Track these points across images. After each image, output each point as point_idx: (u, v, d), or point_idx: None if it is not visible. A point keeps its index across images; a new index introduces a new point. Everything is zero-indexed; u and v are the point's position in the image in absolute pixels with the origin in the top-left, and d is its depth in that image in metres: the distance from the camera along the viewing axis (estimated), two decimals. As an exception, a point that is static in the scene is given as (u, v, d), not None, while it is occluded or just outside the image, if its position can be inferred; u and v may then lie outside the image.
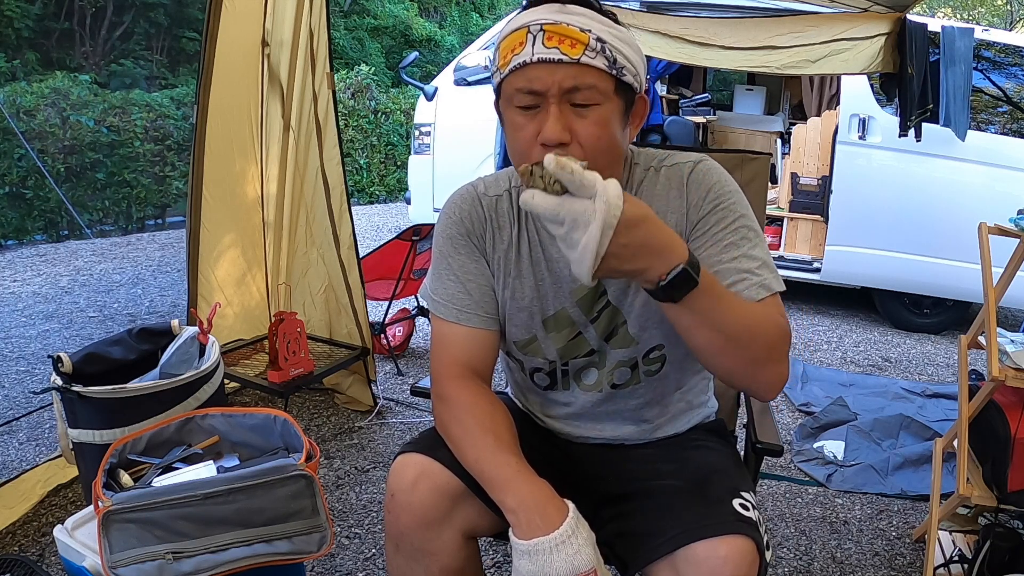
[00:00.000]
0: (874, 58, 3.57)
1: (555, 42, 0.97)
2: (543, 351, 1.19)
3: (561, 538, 0.93)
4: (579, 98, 0.98)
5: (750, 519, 1.00)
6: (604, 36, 0.98)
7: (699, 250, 1.05)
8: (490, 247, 1.17)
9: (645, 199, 1.07)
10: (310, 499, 1.34)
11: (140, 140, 6.74)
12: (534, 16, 0.99)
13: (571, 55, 0.97)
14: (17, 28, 7.35)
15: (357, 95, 8.90)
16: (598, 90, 0.99)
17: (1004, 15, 14.22)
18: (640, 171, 1.14)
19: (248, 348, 2.74)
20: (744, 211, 1.08)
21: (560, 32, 0.97)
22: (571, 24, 0.97)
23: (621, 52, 1.00)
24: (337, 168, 2.61)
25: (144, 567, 1.23)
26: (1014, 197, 2.89)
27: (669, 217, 1.09)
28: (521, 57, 0.98)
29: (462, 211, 1.17)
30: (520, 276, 1.16)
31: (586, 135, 0.99)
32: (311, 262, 2.76)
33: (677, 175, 1.11)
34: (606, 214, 0.82)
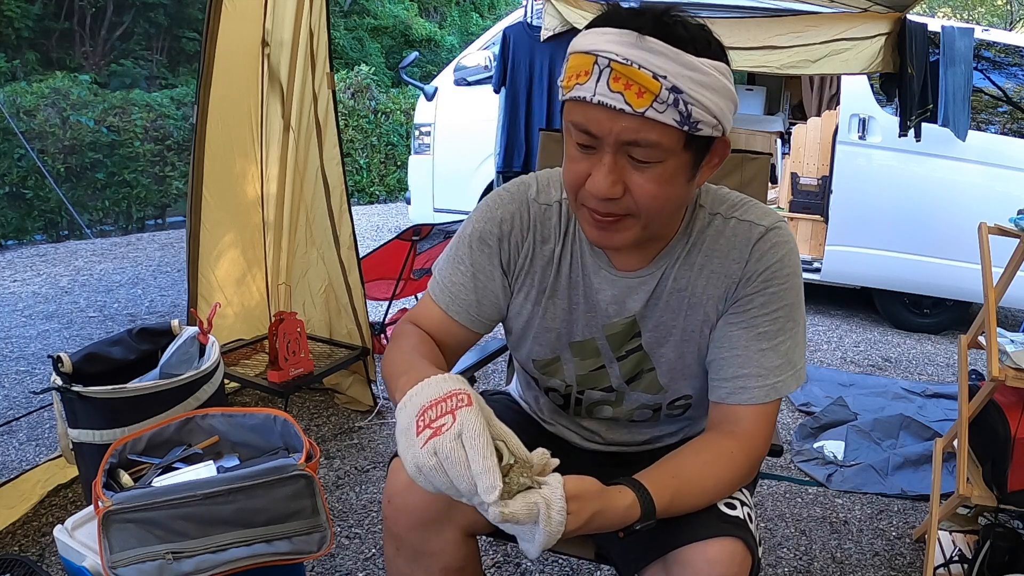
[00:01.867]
0: (874, 58, 3.57)
1: (621, 86, 0.85)
2: (563, 373, 1.16)
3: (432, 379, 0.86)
4: (638, 154, 0.89)
5: (736, 518, 1.00)
6: (681, 84, 0.85)
7: (732, 327, 1.03)
8: (524, 257, 1.10)
9: (705, 251, 1.03)
10: (310, 499, 1.34)
11: (140, 140, 6.74)
12: (606, 44, 0.87)
13: (636, 106, 0.85)
14: (17, 28, 7.34)
15: (357, 95, 8.89)
16: (662, 147, 0.88)
17: (1004, 15, 14.21)
18: (705, 215, 1.05)
19: (248, 348, 2.74)
20: (792, 299, 1.02)
21: (629, 76, 0.85)
22: (644, 67, 0.85)
23: (699, 103, 0.87)
24: (337, 168, 2.61)
25: (144, 567, 1.23)
26: (1014, 197, 2.89)
27: (723, 280, 1.03)
28: (582, 91, 0.88)
29: (505, 212, 1.09)
30: (555, 297, 1.10)
31: (640, 193, 0.91)
32: (311, 262, 2.76)
33: (745, 236, 1.02)
34: (547, 540, 0.82)
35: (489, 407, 0.85)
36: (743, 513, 1.02)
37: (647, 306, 1.06)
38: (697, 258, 1.04)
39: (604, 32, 0.88)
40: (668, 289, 1.05)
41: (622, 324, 1.08)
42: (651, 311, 1.07)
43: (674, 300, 1.05)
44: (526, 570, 1.92)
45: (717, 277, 1.03)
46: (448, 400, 0.82)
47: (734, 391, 1.02)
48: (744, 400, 1.01)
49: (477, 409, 0.81)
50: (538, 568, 1.93)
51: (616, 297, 1.07)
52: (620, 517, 0.90)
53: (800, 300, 1.04)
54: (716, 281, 1.03)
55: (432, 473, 0.79)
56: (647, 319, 1.08)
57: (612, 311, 1.08)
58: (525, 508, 0.80)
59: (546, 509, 0.82)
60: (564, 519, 0.82)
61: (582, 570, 1.93)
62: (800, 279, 1.04)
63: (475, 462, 0.78)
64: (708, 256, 1.03)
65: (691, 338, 1.07)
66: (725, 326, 1.03)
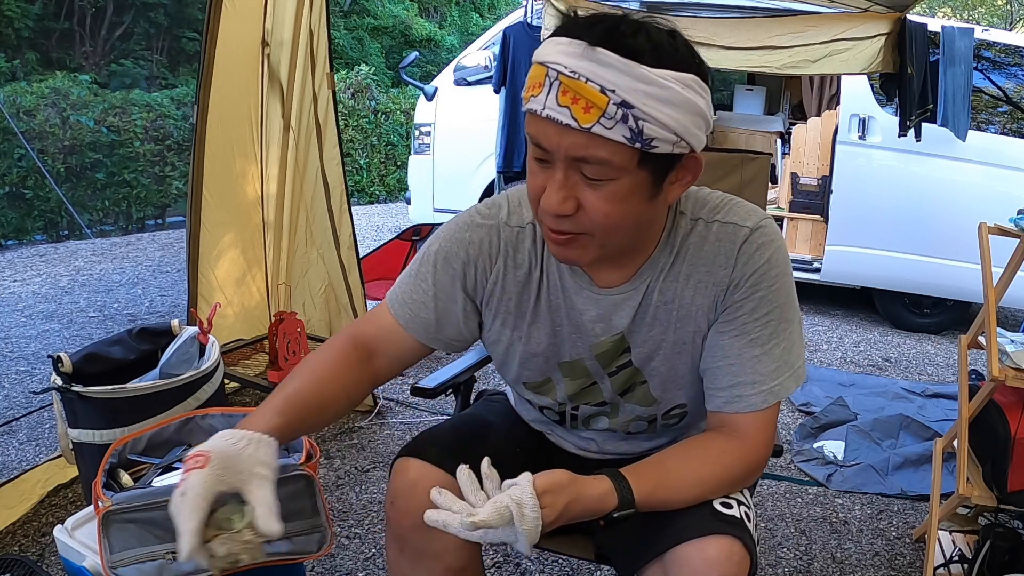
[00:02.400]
0: (874, 58, 3.57)
1: (568, 99, 0.81)
2: (555, 392, 1.14)
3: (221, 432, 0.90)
4: (589, 171, 0.85)
5: (732, 517, 0.99)
6: (632, 98, 0.80)
7: (723, 336, 0.99)
8: (493, 283, 1.06)
9: (689, 260, 0.99)
10: (310, 499, 1.34)
11: (140, 140, 6.74)
12: (556, 56, 0.83)
13: (582, 122, 0.81)
14: (17, 28, 7.35)
15: (357, 95, 8.90)
16: (613, 165, 0.84)
17: (1004, 15, 14.22)
18: (687, 222, 1.01)
19: (248, 348, 2.74)
20: (783, 299, 0.99)
21: (576, 89, 0.81)
22: (591, 81, 0.80)
23: (654, 119, 0.82)
24: (337, 168, 2.61)
25: (144, 567, 1.23)
26: (1014, 197, 2.89)
27: (710, 289, 0.99)
28: (534, 104, 0.85)
29: (473, 236, 1.05)
30: (536, 322, 1.07)
31: (593, 211, 0.87)
32: (311, 262, 2.76)
33: (729, 239, 0.98)
34: (529, 537, 0.84)
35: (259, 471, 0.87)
36: (740, 512, 1.01)
37: (634, 321, 1.03)
38: (682, 268, 1.00)
39: (557, 43, 0.84)
40: (654, 303, 1.02)
41: (610, 342, 1.05)
42: (639, 326, 1.03)
43: (662, 313, 1.02)
44: (526, 570, 1.92)
45: (704, 286, 0.99)
46: (197, 457, 0.85)
47: (730, 400, 1.00)
48: (741, 408, 0.99)
49: (206, 474, 0.83)
50: (538, 568, 1.93)
51: (601, 315, 1.04)
52: (596, 504, 0.91)
53: (792, 299, 1.01)
54: (704, 290, 1.00)
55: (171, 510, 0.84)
56: (635, 334, 1.04)
57: (599, 330, 1.04)
58: (496, 513, 0.83)
59: (518, 509, 0.84)
60: (539, 515, 0.84)
61: (582, 570, 1.93)
62: (790, 277, 1.01)
63: (180, 523, 0.82)
64: (693, 265, 1.00)
65: (683, 350, 1.04)
66: (716, 335, 1.00)
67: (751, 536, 0.99)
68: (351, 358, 1.07)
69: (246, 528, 0.86)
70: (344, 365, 1.06)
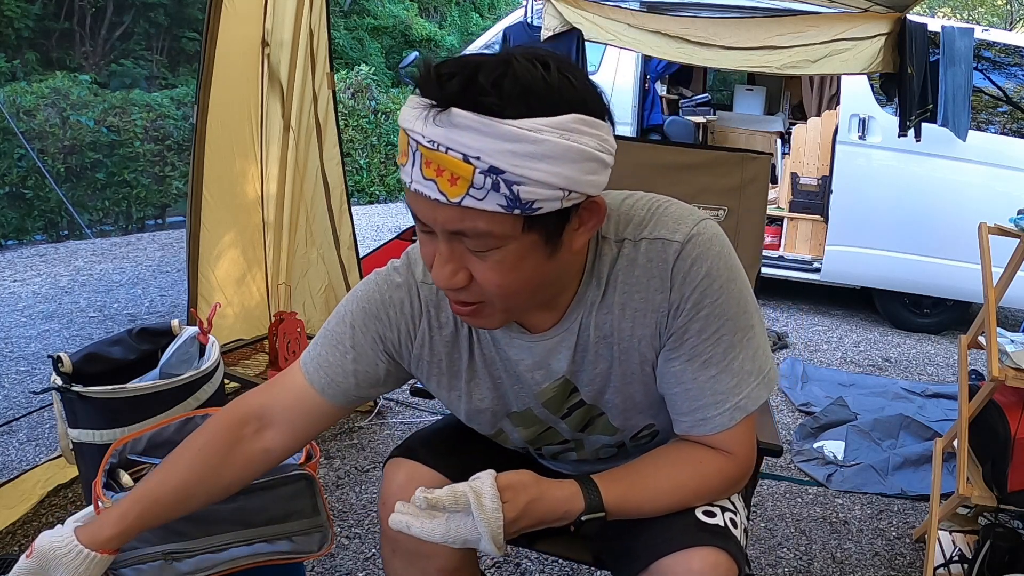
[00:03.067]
0: (874, 58, 3.57)
1: (433, 172, 0.73)
2: (511, 440, 1.10)
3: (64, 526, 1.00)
4: (470, 244, 0.78)
5: (716, 527, 0.95)
6: (499, 162, 0.71)
7: (673, 363, 0.92)
8: (420, 346, 1.00)
9: (621, 288, 0.91)
10: (310, 499, 1.34)
11: (140, 140, 6.74)
12: (413, 122, 0.75)
13: (450, 195, 0.73)
14: (17, 28, 7.34)
15: (357, 95, 8.89)
16: (494, 235, 0.76)
17: (1004, 15, 14.21)
18: (611, 246, 0.91)
19: (248, 348, 2.73)
20: (733, 310, 0.89)
21: (438, 161, 0.73)
22: (452, 150, 0.72)
23: (529, 179, 0.73)
24: (337, 168, 2.62)
25: (144, 567, 1.23)
26: (1014, 197, 2.89)
27: (649, 316, 0.90)
28: (403, 175, 0.77)
29: (393, 297, 0.99)
30: (474, 379, 1.01)
31: (484, 281, 0.80)
32: (311, 262, 2.76)
33: (660, 258, 0.89)
34: (490, 530, 0.83)
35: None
36: (724, 520, 0.97)
37: (574, 362, 0.96)
38: (615, 298, 0.91)
39: (415, 105, 0.75)
40: (592, 339, 0.93)
41: (553, 388, 0.98)
42: (580, 366, 0.96)
43: (603, 348, 0.94)
44: (526, 570, 1.92)
45: (642, 315, 0.91)
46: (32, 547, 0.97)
47: (695, 424, 0.93)
48: (709, 431, 0.93)
49: (28, 563, 0.96)
50: (538, 568, 1.93)
51: (538, 363, 0.97)
52: (561, 506, 0.89)
53: (744, 304, 0.91)
54: (642, 319, 0.91)
55: None
56: (579, 374, 0.97)
57: (539, 377, 0.98)
58: (450, 495, 0.84)
59: (476, 498, 0.83)
60: (498, 506, 0.84)
61: (581, 570, 1.93)
62: (736, 281, 0.90)
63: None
64: (627, 293, 0.91)
65: (632, 380, 0.96)
66: (667, 363, 0.92)
67: (737, 544, 0.96)
68: (226, 439, 1.02)
69: None
70: (214, 450, 1.02)
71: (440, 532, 0.85)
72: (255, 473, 1.07)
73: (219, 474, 1.02)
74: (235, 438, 1.02)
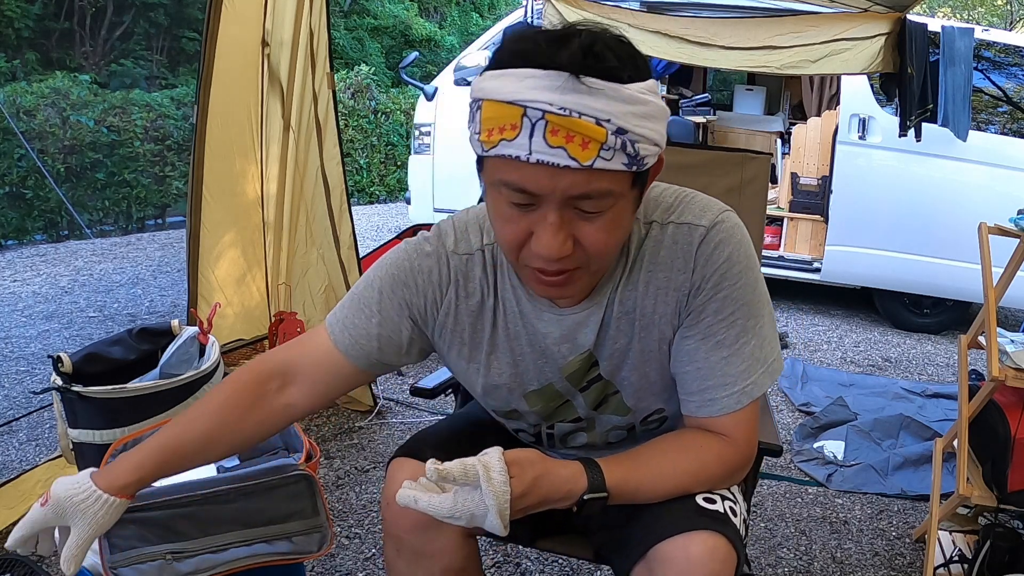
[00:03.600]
0: (874, 58, 3.57)
1: (562, 139, 0.75)
2: (525, 418, 1.12)
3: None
4: (588, 206, 0.82)
5: (716, 512, 0.97)
6: (626, 122, 0.77)
7: (688, 340, 0.96)
8: (444, 314, 1.02)
9: (646, 267, 0.96)
10: (310, 499, 1.34)
11: (140, 140, 6.74)
12: (534, 93, 0.76)
13: (582, 160, 0.76)
14: (17, 28, 7.34)
15: (357, 95, 8.90)
16: (613, 194, 0.81)
17: (1004, 15, 14.22)
18: (640, 227, 0.96)
19: (248, 348, 2.74)
20: (748, 296, 0.94)
21: (569, 127, 0.75)
22: (586, 115, 0.75)
23: (644, 137, 0.79)
24: (337, 168, 2.61)
25: (144, 567, 1.23)
26: (1014, 197, 2.89)
27: (672, 295, 0.96)
28: (513, 149, 0.78)
29: (422, 265, 1.01)
30: (495, 352, 1.04)
31: (591, 242, 0.85)
32: (311, 262, 2.76)
33: (686, 241, 0.94)
34: (497, 504, 0.85)
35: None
36: (724, 507, 0.98)
37: (598, 336, 0.99)
38: (640, 275, 0.96)
39: (528, 76, 0.76)
40: (616, 314, 0.98)
41: (578, 361, 1.02)
42: (603, 340, 1.00)
43: (624, 324, 0.98)
44: (526, 570, 1.92)
45: (664, 293, 0.96)
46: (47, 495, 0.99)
47: (703, 404, 0.97)
48: (715, 412, 0.97)
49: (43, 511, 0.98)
50: (538, 568, 1.93)
51: (565, 336, 1.00)
52: (565, 484, 0.91)
53: (758, 293, 0.96)
54: (664, 297, 0.96)
55: None
56: (601, 348, 1.01)
57: (565, 351, 1.01)
58: (460, 467, 0.86)
59: (485, 471, 0.85)
60: (506, 479, 0.85)
61: (582, 570, 1.93)
62: (754, 270, 0.95)
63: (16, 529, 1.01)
64: (651, 271, 0.96)
65: (650, 358, 1.00)
66: (682, 340, 0.97)
67: (736, 531, 0.97)
68: (250, 393, 1.04)
69: None
70: (237, 403, 1.04)
71: (447, 507, 0.86)
72: (275, 428, 1.09)
73: (241, 427, 1.04)
74: (259, 392, 1.04)
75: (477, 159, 0.87)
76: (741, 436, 0.98)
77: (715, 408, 0.97)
